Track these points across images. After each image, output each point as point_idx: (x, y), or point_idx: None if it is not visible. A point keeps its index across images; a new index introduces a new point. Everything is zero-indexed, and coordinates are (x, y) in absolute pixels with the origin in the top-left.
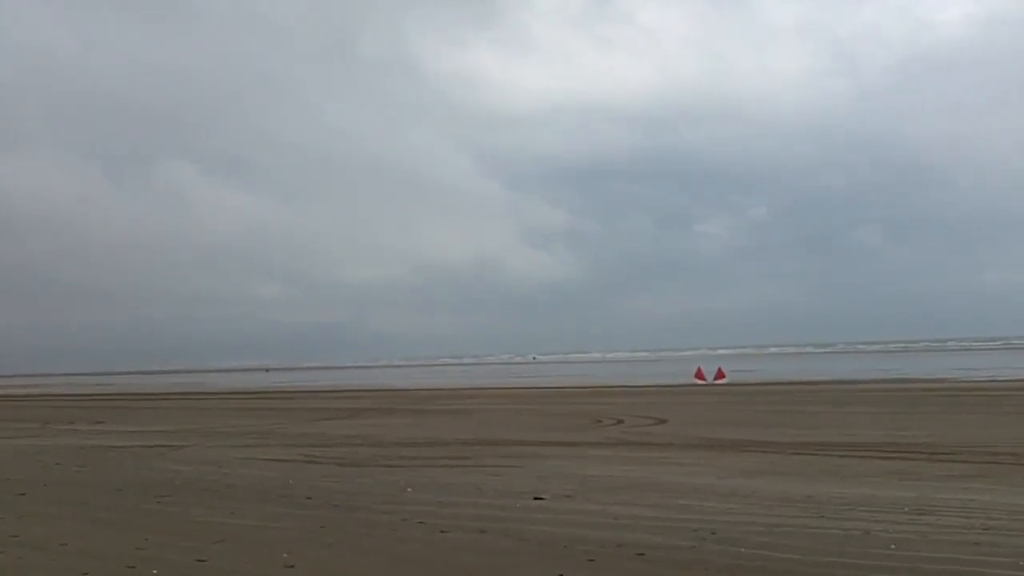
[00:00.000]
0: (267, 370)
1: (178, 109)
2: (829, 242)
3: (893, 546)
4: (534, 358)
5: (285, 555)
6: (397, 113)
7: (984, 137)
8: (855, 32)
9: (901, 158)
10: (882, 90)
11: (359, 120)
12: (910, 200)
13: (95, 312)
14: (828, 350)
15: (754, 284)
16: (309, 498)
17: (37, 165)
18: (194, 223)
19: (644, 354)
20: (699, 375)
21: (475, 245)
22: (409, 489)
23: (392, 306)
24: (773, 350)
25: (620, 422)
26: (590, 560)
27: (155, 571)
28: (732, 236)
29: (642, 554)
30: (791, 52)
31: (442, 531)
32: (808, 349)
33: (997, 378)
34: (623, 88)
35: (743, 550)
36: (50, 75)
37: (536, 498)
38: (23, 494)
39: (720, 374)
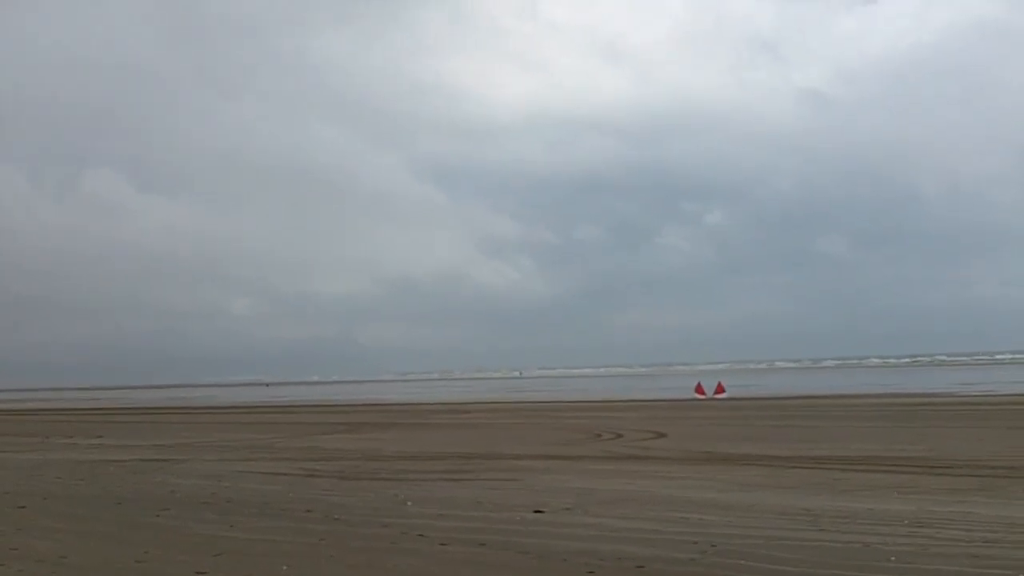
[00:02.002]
0: (267, 384)
1: (98, 113)
2: (804, 256)
3: (892, 559)
4: (520, 374)
5: (284, 568)
6: (334, 121)
7: (946, 145)
8: (823, 42)
9: (866, 168)
10: (849, 99)
11: (289, 127)
12: (879, 211)
13: (53, 325)
14: (819, 365)
15: (732, 298)
16: (309, 511)
17: None
18: (129, 233)
19: (631, 370)
20: (699, 390)
21: (435, 257)
22: (409, 503)
23: (366, 320)
24: (764, 365)
25: (619, 436)
26: (590, 573)
27: None
28: (700, 249)
29: (642, 567)
30: (758, 62)
31: (442, 544)
32: (796, 364)
33: (992, 392)
34: (581, 98)
35: (743, 563)
36: None
37: (536, 511)
38: (23, 507)
39: (720, 388)
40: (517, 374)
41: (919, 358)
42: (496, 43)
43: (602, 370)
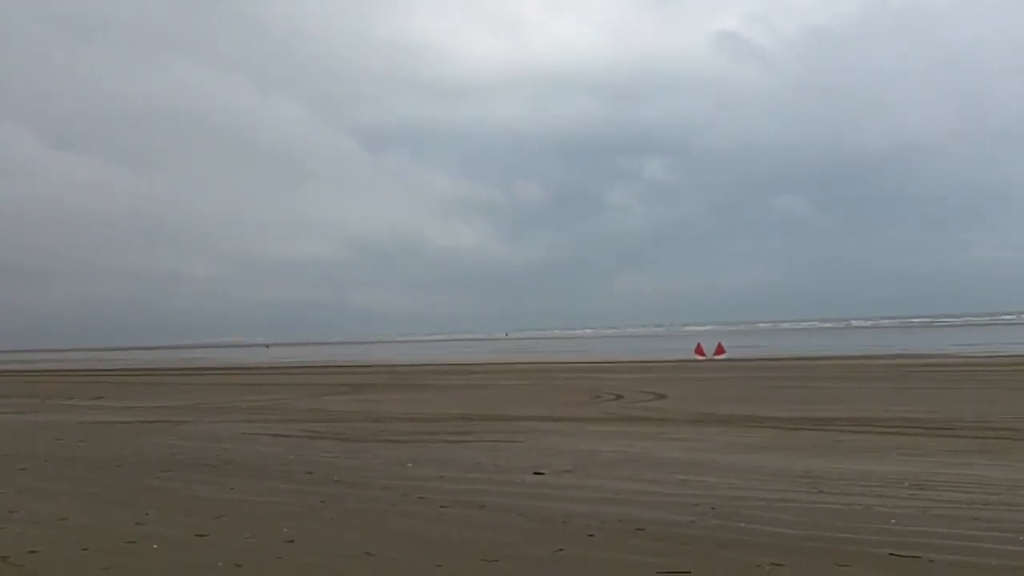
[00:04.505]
0: (267, 346)
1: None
2: (768, 219)
3: (893, 521)
4: (507, 334)
5: (285, 530)
6: (264, 79)
7: (886, 96)
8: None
9: (826, 134)
10: (801, 61)
11: (217, 85)
12: (832, 175)
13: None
14: (813, 326)
15: (718, 261)
16: (309, 473)
17: None
18: (50, 196)
19: (613, 330)
20: (699, 351)
21: (393, 220)
22: (409, 464)
23: (339, 284)
24: (748, 327)
25: (619, 397)
26: (590, 535)
27: (155, 546)
28: (661, 212)
29: (642, 529)
30: (699, 22)
31: (442, 506)
32: (775, 326)
33: (994, 354)
34: (546, 57)
35: (743, 525)
36: None
37: (536, 473)
38: (23, 469)
39: (720, 349)
40: (505, 335)
41: (908, 320)
42: (455, 4)
43: (587, 331)
